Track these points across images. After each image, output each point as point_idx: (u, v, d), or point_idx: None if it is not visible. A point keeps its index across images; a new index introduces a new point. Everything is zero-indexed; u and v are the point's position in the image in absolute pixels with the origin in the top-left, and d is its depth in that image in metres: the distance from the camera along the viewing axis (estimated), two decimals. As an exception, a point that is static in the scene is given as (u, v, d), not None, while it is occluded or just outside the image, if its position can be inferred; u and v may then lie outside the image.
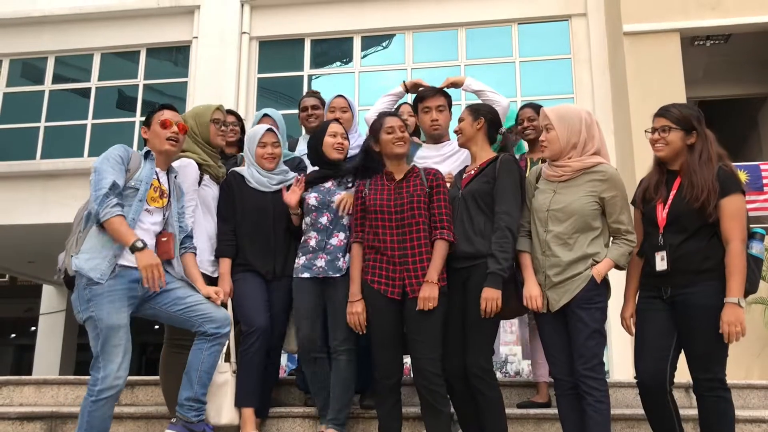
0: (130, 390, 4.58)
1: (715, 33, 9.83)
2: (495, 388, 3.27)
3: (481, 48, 11.32)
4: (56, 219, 10.54)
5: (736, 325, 2.91)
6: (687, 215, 3.04)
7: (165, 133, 3.42)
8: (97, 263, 3.14)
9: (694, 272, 3.03)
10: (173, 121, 3.46)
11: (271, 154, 3.81)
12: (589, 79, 10.64)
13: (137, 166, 3.33)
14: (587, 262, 3.14)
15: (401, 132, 3.49)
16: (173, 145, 3.45)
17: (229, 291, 3.64)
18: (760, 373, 7.39)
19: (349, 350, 3.57)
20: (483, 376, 3.23)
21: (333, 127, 3.79)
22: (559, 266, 3.15)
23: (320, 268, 3.62)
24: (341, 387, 3.56)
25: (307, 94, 4.85)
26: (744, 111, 11.54)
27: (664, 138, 3.14)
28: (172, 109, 3.55)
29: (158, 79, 12.19)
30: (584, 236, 3.17)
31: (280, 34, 11.84)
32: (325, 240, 3.66)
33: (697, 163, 3.06)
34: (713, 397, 3.01)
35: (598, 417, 3.05)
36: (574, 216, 3.17)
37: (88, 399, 3.09)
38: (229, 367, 3.53)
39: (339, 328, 3.57)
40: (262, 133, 3.82)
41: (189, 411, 3.31)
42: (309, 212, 3.72)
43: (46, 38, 12.18)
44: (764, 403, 4.49)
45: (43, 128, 12.09)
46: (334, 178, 3.75)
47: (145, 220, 3.32)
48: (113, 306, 3.11)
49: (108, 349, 3.10)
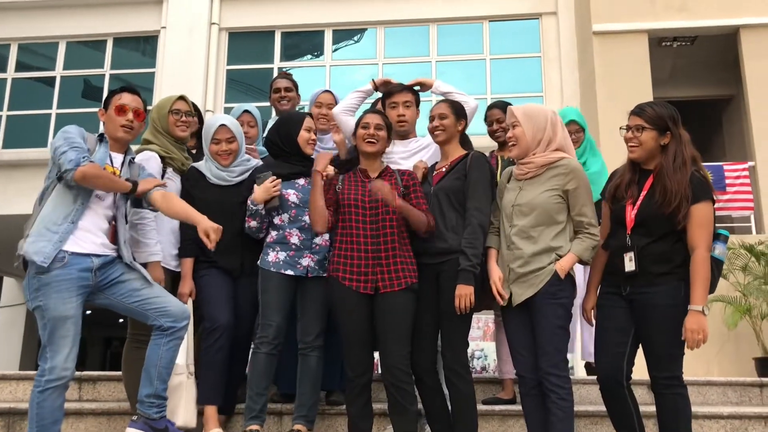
0: (92, 385, 4.50)
1: (682, 35, 9.99)
2: (469, 383, 3.30)
3: (452, 44, 11.35)
4: (18, 210, 10.28)
5: (698, 333, 2.94)
6: (655, 220, 3.05)
7: (119, 119, 3.31)
8: (42, 246, 3.04)
9: (655, 274, 3.06)
10: (130, 107, 3.33)
11: (226, 150, 3.69)
12: (558, 77, 10.74)
13: (92, 150, 3.23)
14: (551, 256, 3.15)
15: (375, 130, 3.45)
16: (127, 132, 3.33)
17: (189, 293, 3.59)
18: (720, 369, 7.54)
19: (320, 347, 3.56)
20: (459, 371, 3.26)
21: (309, 122, 3.72)
22: (521, 258, 3.17)
23: (308, 267, 3.57)
24: (311, 384, 3.54)
25: (279, 75, 4.77)
26: (709, 112, 11.74)
27: (637, 138, 3.13)
28: (133, 93, 3.40)
29: (125, 69, 11.99)
30: (549, 230, 3.19)
31: (251, 25, 11.73)
32: (310, 240, 3.60)
33: (671, 166, 3.04)
34: (670, 394, 3.05)
35: (561, 414, 3.07)
36: (537, 210, 3.19)
37: (35, 390, 3.03)
38: (185, 369, 3.47)
39: (313, 325, 3.54)
40: (214, 129, 3.70)
41: (150, 408, 3.25)
42: (288, 209, 3.61)
43: (10, 25, 11.90)
44: (722, 399, 4.58)
45: (6, 117, 11.82)
46: (307, 175, 3.66)
47: (95, 206, 3.22)
48: (60, 296, 3.03)
49: (55, 339, 3.04)
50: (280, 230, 3.62)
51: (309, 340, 3.55)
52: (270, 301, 3.56)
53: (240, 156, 3.78)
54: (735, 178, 8.83)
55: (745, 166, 8.99)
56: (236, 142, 3.74)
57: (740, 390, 4.62)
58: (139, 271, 3.31)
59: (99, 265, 3.17)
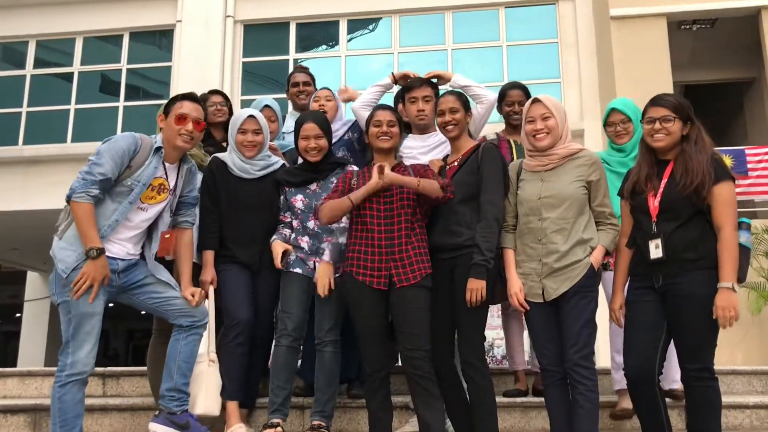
0: (115, 381, 4.55)
1: (702, 17, 9.85)
2: (486, 376, 3.27)
3: (468, 32, 11.27)
4: (39, 205, 10.44)
5: (730, 310, 2.91)
6: (679, 202, 3.03)
7: (179, 128, 3.30)
8: (67, 255, 3.09)
9: (686, 261, 3.02)
10: (192, 117, 3.32)
11: (251, 141, 3.69)
12: (576, 63, 10.62)
13: (141, 163, 3.22)
14: (585, 249, 3.16)
15: (388, 127, 3.44)
16: (187, 141, 3.33)
17: (210, 280, 3.61)
18: (744, 357, 7.47)
19: (334, 341, 3.56)
20: (475, 364, 3.23)
21: (305, 130, 3.69)
22: (557, 252, 3.16)
23: (313, 271, 3.60)
24: (326, 379, 3.55)
25: (296, 69, 4.75)
26: (729, 95, 11.58)
27: (666, 128, 3.12)
28: (195, 101, 3.40)
29: (142, 64, 12.07)
30: (579, 221, 3.19)
31: (265, 17, 11.73)
32: (317, 245, 3.63)
33: (693, 150, 3.06)
34: (702, 387, 3.01)
35: (588, 406, 3.06)
36: (568, 201, 3.19)
37: (56, 385, 3.07)
38: (206, 357, 3.50)
39: (325, 319, 3.56)
40: (243, 119, 3.71)
41: (170, 402, 3.28)
42: (295, 215, 3.67)
43: (28, 22, 12.00)
44: (748, 389, 4.53)
45: (25, 113, 11.94)
46: (317, 180, 3.69)
47: (135, 218, 3.26)
48: (88, 294, 3.07)
49: (79, 335, 3.07)
50: (294, 234, 3.69)
51: (322, 335, 3.56)
52: (290, 296, 3.60)
53: (263, 150, 3.78)
54: (757, 162, 8.70)
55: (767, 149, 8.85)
56: (262, 135, 3.73)
57: (765, 379, 4.56)
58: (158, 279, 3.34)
59: (123, 268, 3.22)
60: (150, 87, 12.24)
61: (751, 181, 8.61)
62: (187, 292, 3.35)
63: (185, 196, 3.46)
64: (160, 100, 11.55)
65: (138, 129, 3.54)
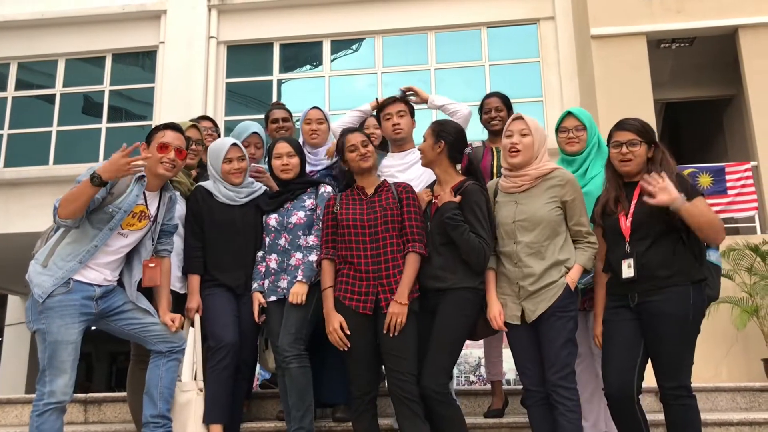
0: (97, 407, 4.49)
1: (681, 36, 9.97)
2: (452, 406, 3.26)
3: (450, 52, 11.35)
4: (20, 229, 10.33)
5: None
6: (651, 220, 3.09)
7: (161, 157, 3.33)
8: (44, 280, 3.09)
9: (659, 278, 3.05)
10: (173, 145, 3.36)
11: (238, 168, 3.76)
12: (557, 82, 10.71)
13: (123, 190, 3.24)
14: (560, 270, 3.18)
15: (363, 147, 3.50)
16: (168, 170, 3.36)
17: (196, 307, 3.61)
18: (729, 372, 7.48)
19: (299, 356, 3.49)
20: (438, 398, 3.19)
21: (277, 148, 3.79)
22: (533, 276, 3.18)
23: (284, 290, 3.61)
24: (297, 394, 3.48)
25: (274, 105, 4.79)
26: (709, 113, 11.71)
27: (633, 152, 3.18)
28: (176, 130, 3.44)
29: (125, 85, 12.01)
30: (553, 243, 3.21)
31: (249, 38, 11.74)
32: (286, 261, 3.66)
33: (657, 171, 3.11)
34: (679, 405, 3.03)
35: (570, 426, 3.08)
36: (542, 224, 3.21)
37: (33, 414, 3.05)
38: (194, 386, 3.47)
39: (288, 332, 3.51)
40: (226, 149, 3.75)
41: (156, 428, 3.26)
42: (268, 233, 3.72)
43: (9, 44, 11.92)
44: (732, 406, 4.55)
45: (6, 135, 11.84)
46: (291, 199, 3.76)
47: (116, 243, 3.26)
48: (63, 321, 3.06)
49: (55, 363, 3.06)
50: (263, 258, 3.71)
51: (285, 350, 3.50)
52: (272, 329, 3.64)
53: (246, 176, 3.84)
54: (736, 180, 8.77)
55: (747, 166, 8.95)
56: (246, 161, 3.82)
57: (749, 395, 4.58)
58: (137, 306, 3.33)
59: (101, 294, 3.21)
60: (133, 108, 12.18)
61: (730, 199, 8.68)
62: (167, 317, 3.36)
63: (165, 224, 3.47)
64: (144, 121, 11.50)
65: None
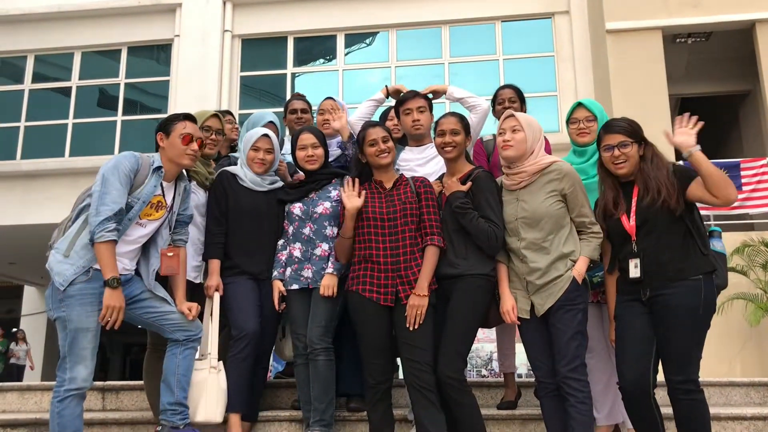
0: (114, 395, 4.54)
1: (697, 31, 9.92)
2: (468, 394, 3.28)
3: (464, 46, 11.34)
4: (37, 220, 10.45)
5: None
6: (655, 215, 3.09)
7: (185, 148, 3.37)
8: (65, 269, 3.12)
9: (669, 272, 3.06)
10: (195, 136, 3.41)
11: (262, 159, 3.80)
12: (572, 76, 10.69)
13: (141, 181, 3.28)
14: (566, 263, 3.19)
15: (384, 143, 3.51)
16: (192, 160, 3.42)
17: (216, 285, 3.66)
18: (742, 367, 7.46)
19: (326, 348, 3.56)
20: (455, 384, 3.22)
21: (301, 140, 3.80)
22: (539, 270, 3.20)
23: (308, 279, 3.64)
24: (321, 387, 3.54)
25: (294, 96, 4.80)
26: (725, 108, 11.64)
27: (625, 153, 3.19)
28: (193, 120, 3.48)
29: (140, 78, 12.10)
30: (557, 237, 3.23)
31: (263, 32, 11.79)
32: (310, 251, 3.68)
33: (650, 168, 3.15)
34: (688, 400, 3.03)
35: (580, 417, 3.09)
36: (544, 219, 3.23)
37: (54, 400, 3.08)
38: (207, 364, 3.52)
39: (317, 324, 3.57)
40: (257, 137, 3.81)
41: (173, 416, 3.30)
42: (291, 222, 3.74)
43: (26, 37, 12.05)
44: (746, 400, 4.54)
45: (24, 128, 11.97)
46: (316, 189, 3.78)
47: (134, 233, 3.30)
48: (84, 309, 3.09)
49: (76, 350, 3.09)
50: (287, 246, 3.74)
51: (314, 343, 3.56)
52: (295, 316, 3.67)
53: (271, 170, 3.88)
54: (752, 176, 8.73)
55: (763, 161, 8.90)
56: (273, 155, 3.84)
57: (763, 390, 4.57)
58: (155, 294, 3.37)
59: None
60: (148, 101, 12.27)
61: (746, 195, 8.64)
62: (184, 306, 3.41)
63: (181, 214, 3.51)
64: (158, 114, 11.58)
65: (136, 143, 3.60)
